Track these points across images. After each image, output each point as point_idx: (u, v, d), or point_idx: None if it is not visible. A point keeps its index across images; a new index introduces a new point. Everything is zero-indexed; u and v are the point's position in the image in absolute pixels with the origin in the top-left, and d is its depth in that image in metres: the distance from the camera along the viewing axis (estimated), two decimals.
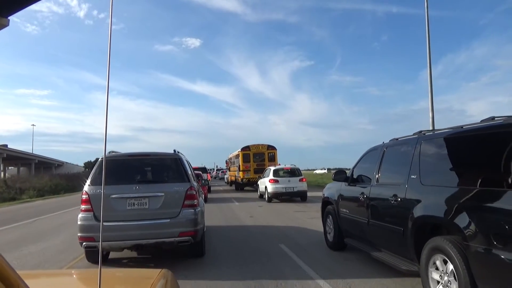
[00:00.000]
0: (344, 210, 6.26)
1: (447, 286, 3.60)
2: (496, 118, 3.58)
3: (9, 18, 0.94)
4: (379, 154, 5.51)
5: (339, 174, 6.58)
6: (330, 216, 6.90)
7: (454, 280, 3.47)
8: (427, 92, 16.06)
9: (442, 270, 3.70)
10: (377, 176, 5.37)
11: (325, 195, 7.36)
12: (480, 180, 3.39)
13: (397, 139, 5.41)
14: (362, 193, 5.54)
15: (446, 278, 3.62)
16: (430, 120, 15.90)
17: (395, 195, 4.61)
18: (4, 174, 56.50)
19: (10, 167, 74.03)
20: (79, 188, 36.81)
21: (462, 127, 4.03)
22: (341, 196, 6.48)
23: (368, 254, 5.49)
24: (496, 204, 3.20)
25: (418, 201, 4.16)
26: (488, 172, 3.47)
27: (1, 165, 56.79)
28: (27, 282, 0.84)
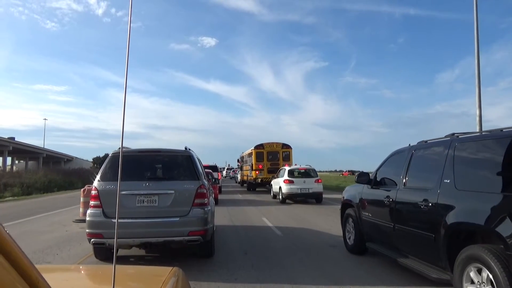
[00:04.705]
0: (367, 213, 6.09)
1: None
2: None
3: None
4: (407, 157, 5.33)
5: (362, 176, 6.40)
6: (350, 219, 6.73)
7: None
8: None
9: (478, 281, 3.54)
10: (404, 179, 5.20)
11: (345, 198, 7.19)
12: None
13: (426, 141, 5.24)
14: (388, 197, 5.37)
15: None
16: (477, 118, 14.04)
17: (425, 200, 4.43)
18: (12, 167, 56.66)
19: (21, 161, 74.72)
20: (77, 185, 33.78)
21: (501, 130, 3.87)
22: (363, 199, 6.30)
23: (391, 260, 5.34)
24: None
25: (452, 207, 3.98)
26: None
27: (8, 158, 56.72)
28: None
